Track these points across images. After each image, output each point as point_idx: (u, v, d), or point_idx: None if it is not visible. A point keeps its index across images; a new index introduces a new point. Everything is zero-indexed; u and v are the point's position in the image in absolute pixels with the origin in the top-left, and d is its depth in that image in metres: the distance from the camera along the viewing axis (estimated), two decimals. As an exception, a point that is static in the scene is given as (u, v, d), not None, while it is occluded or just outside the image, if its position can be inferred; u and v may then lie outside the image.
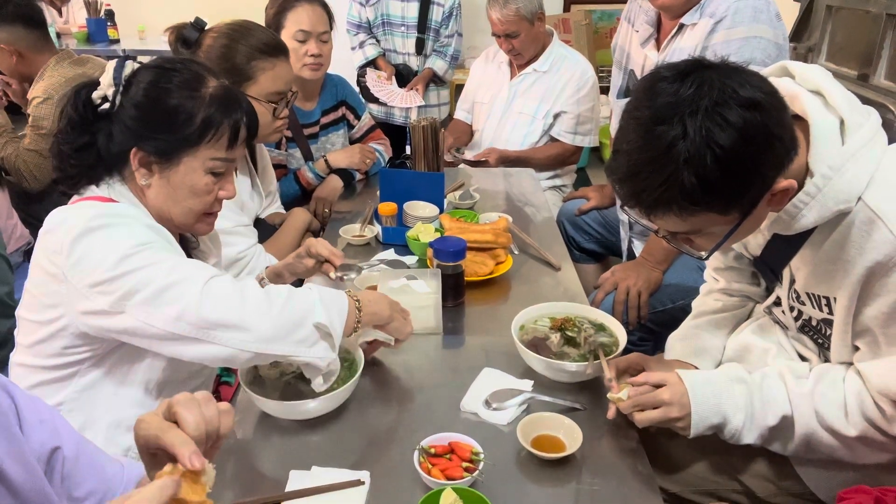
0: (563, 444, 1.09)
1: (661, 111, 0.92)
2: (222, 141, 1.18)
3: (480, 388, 1.25)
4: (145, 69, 1.17)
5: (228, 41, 1.66)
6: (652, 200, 0.95)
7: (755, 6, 1.61)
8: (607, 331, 1.35)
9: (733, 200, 0.95)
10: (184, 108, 1.15)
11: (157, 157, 1.15)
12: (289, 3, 2.15)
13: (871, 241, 0.96)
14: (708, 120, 0.89)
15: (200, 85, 1.17)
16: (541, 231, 1.97)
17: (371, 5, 3.26)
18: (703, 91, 0.90)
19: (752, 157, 0.90)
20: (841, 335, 1.07)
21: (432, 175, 2.02)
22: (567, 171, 2.86)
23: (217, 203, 1.24)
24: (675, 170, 0.90)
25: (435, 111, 3.44)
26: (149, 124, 1.14)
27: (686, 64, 0.96)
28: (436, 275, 1.49)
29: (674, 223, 0.99)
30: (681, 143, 0.89)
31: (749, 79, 0.93)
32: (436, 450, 1.05)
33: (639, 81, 1.00)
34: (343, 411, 1.20)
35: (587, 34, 4.80)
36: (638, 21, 1.90)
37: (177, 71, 1.17)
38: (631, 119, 0.97)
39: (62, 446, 0.82)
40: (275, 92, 1.71)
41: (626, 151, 0.96)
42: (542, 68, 2.68)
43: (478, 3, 2.73)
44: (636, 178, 0.95)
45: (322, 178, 2.25)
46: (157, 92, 1.15)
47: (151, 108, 1.14)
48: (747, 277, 1.35)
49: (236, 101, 1.21)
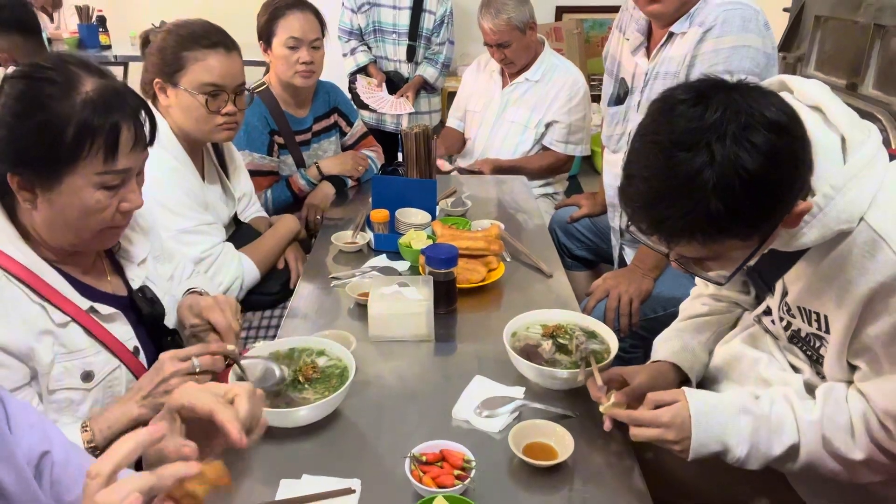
0: (555, 452, 1.09)
1: (683, 137, 0.88)
2: (102, 151, 1.03)
3: (472, 395, 1.24)
4: (12, 80, 1.03)
5: (167, 34, 1.65)
6: (676, 229, 0.92)
7: (744, 15, 1.62)
8: (599, 338, 1.35)
9: (758, 226, 0.93)
10: (53, 120, 1.00)
11: (37, 179, 1.03)
12: (280, 11, 2.15)
13: (874, 263, 0.96)
14: (736, 145, 0.85)
15: (72, 89, 1.02)
16: (532, 238, 1.97)
17: (363, 12, 3.26)
18: (729, 115, 0.87)
19: (778, 182, 0.88)
20: (836, 354, 1.06)
21: (424, 182, 2.02)
22: (559, 178, 2.87)
23: (120, 215, 1.10)
24: (702, 198, 0.87)
25: (426, 118, 3.45)
26: (20, 144, 1.01)
27: (704, 85, 0.93)
28: (428, 282, 1.48)
29: (694, 250, 0.96)
30: (707, 170, 0.86)
31: (772, 100, 0.90)
32: (427, 457, 1.04)
33: (652, 103, 0.97)
34: (334, 419, 1.19)
35: (579, 43, 4.83)
36: (629, 29, 1.91)
37: (46, 79, 1.03)
38: (649, 143, 0.93)
39: (52, 451, 0.82)
40: (208, 83, 1.64)
41: (646, 178, 0.92)
42: (533, 77, 2.69)
43: (470, 12, 2.75)
44: (657, 206, 0.91)
45: (314, 184, 2.24)
46: (24, 106, 1.01)
47: (19, 126, 1.01)
48: (737, 285, 1.35)
49: (118, 100, 1.06)
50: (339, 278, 1.70)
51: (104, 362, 1.14)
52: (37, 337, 1.06)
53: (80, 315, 1.12)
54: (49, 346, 1.07)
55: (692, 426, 1.04)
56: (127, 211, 1.11)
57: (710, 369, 1.31)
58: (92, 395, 1.13)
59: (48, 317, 1.08)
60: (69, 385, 1.10)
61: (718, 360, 1.30)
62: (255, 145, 2.15)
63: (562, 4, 4.86)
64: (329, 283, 1.69)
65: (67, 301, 1.10)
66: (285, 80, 2.19)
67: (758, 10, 1.65)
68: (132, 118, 1.07)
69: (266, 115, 2.18)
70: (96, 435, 1.04)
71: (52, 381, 1.08)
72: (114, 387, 1.17)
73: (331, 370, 1.25)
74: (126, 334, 1.20)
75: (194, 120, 1.66)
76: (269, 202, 2.20)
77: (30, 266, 1.08)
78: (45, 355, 1.06)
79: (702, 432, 1.04)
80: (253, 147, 2.14)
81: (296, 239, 1.99)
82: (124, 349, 1.18)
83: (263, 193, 2.18)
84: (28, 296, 1.06)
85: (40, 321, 1.07)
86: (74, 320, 1.11)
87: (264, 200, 2.17)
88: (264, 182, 2.19)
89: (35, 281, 1.07)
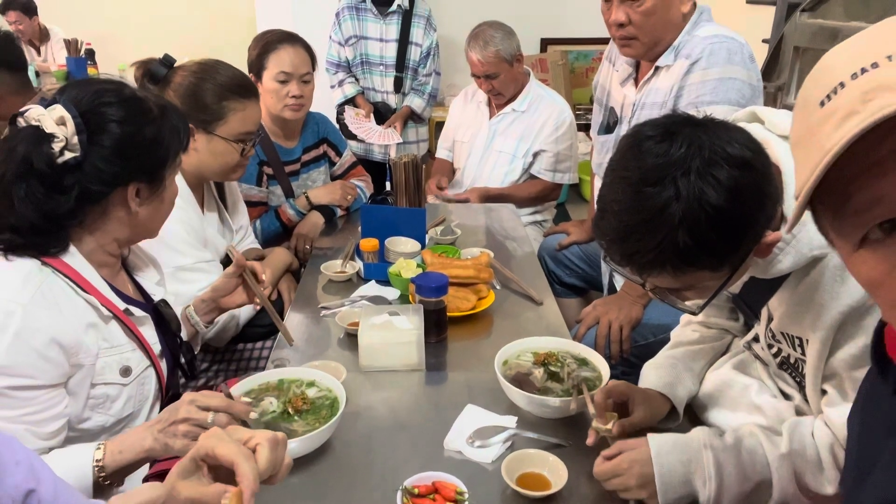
0: (549, 482, 1.07)
1: (650, 172, 0.90)
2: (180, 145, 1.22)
3: (464, 425, 1.23)
4: (108, 105, 1.12)
5: (199, 80, 1.65)
6: (646, 262, 0.94)
7: (729, 48, 1.66)
8: (590, 365, 1.34)
9: (726, 257, 0.94)
10: (157, 133, 1.16)
11: (148, 185, 1.17)
12: (271, 45, 2.17)
13: (844, 287, 0.97)
14: (700, 180, 0.87)
15: (148, 103, 1.19)
16: (522, 266, 1.98)
17: (350, 45, 3.31)
18: (693, 151, 0.89)
19: (744, 215, 0.90)
20: (812, 379, 1.07)
21: (413, 211, 2.02)
22: (547, 206, 2.89)
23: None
24: (670, 231, 0.89)
25: (414, 148, 3.48)
26: (131, 159, 1.13)
27: (670, 122, 0.95)
28: (418, 310, 1.48)
29: (667, 281, 0.98)
30: (674, 205, 0.88)
31: (736, 136, 0.92)
32: (419, 490, 1.03)
33: (622, 139, 0.99)
34: (324, 451, 1.17)
35: (564, 73, 4.91)
36: (618, 61, 1.95)
37: (137, 98, 1.17)
38: (618, 178, 0.95)
39: (38, 489, 0.80)
40: (244, 132, 1.70)
41: (616, 213, 0.94)
42: (520, 108, 2.73)
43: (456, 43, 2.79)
44: (628, 239, 0.93)
45: (303, 214, 2.24)
46: (133, 125, 1.13)
47: (130, 142, 1.13)
48: (725, 313, 1.36)
49: (172, 107, 1.24)
50: (328, 308, 1.69)
51: (139, 359, 1.22)
52: (85, 329, 1.11)
53: (119, 313, 1.19)
54: (95, 340, 1.13)
55: (654, 466, 1.03)
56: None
57: (700, 396, 1.30)
58: (127, 390, 1.19)
59: (94, 311, 1.14)
60: (108, 380, 1.16)
61: (709, 387, 1.29)
62: (244, 176, 2.15)
63: (546, 36, 4.95)
64: (318, 312, 1.68)
65: (107, 299, 1.17)
66: (275, 112, 2.20)
67: (743, 44, 1.69)
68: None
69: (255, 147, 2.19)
70: (107, 456, 1.03)
71: (95, 374, 1.13)
72: (146, 384, 1.24)
73: (321, 401, 1.23)
74: (153, 338, 1.28)
75: (223, 164, 1.71)
76: (259, 232, 2.20)
77: (75, 266, 1.13)
78: (92, 347, 1.12)
79: (665, 473, 1.03)
80: (242, 178, 2.14)
81: (288, 270, 1.99)
82: (152, 350, 1.26)
83: (252, 223, 2.18)
84: (75, 290, 1.12)
85: (88, 314, 1.13)
86: (115, 317, 1.18)
87: (253, 230, 2.16)
88: (253, 212, 2.19)
89: (80, 279, 1.13)
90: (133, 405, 1.22)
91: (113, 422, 1.18)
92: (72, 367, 1.09)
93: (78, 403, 1.12)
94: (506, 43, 2.60)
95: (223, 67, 1.70)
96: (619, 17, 1.72)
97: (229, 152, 1.69)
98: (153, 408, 1.27)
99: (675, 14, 1.73)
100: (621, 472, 1.04)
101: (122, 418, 1.20)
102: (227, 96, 1.67)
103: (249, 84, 1.74)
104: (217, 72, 1.68)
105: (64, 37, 5.05)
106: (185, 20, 5.65)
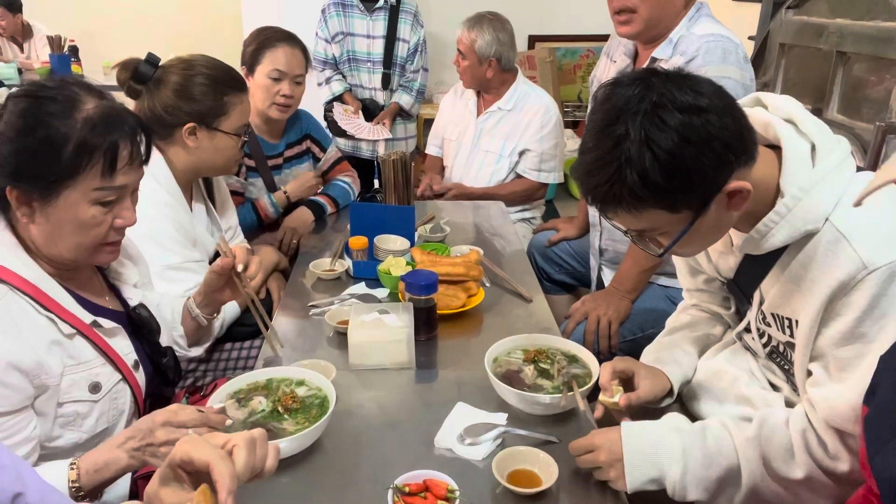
0: (539, 479, 1.07)
1: (610, 113, 0.98)
2: (99, 167, 1.07)
3: (454, 422, 1.23)
4: (16, 98, 1.07)
5: (195, 77, 1.64)
6: (602, 196, 1.00)
7: (725, 48, 1.66)
8: (580, 362, 1.35)
9: (679, 198, 0.98)
10: (54, 137, 1.04)
11: (35, 193, 1.06)
12: (268, 43, 2.16)
13: (836, 261, 0.98)
14: (647, 122, 0.94)
15: (73, 108, 1.07)
16: (512, 263, 1.98)
17: (337, 42, 3.29)
18: (643, 94, 0.96)
19: (690, 158, 0.95)
20: (801, 361, 1.08)
21: (403, 208, 2.02)
22: (536, 204, 2.89)
23: (114, 232, 1.14)
24: (619, 167, 0.96)
25: (402, 144, 3.47)
26: (21, 159, 1.04)
27: (642, 72, 1.02)
28: (408, 308, 1.48)
29: (627, 220, 1.04)
30: (625, 143, 0.95)
31: (695, 86, 0.97)
32: (410, 488, 1.03)
33: (600, 87, 1.06)
34: (313, 450, 1.17)
35: (552, 70, 4.91)
36: (616, 53, 1.97)
37: (49, 97, 1.07)
38: (590, 122, 1.03)
39: (26, 493, 0.79)
40: (242, 125, 1.72)
41: (583, 151, 1.02)
42: (506, 106, 2.73)
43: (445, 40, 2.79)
44: (590, 175, 1.01)
45: (279, 211, 2.22)
46: (26, 123, 1.05)
47: (21, 142, 1.04)
48: (718, 300, 1.38)
49: (117, 120, 1.10)
50: (317, 306, 1.68)
51: (109, 374, 1.18)
52: (47, 348, 1.07)
53: (85, 328, 1.14)
54: (59, 358, 1.09)
55: (623, 446, 1.06)
56: (121, 227, 1.15)
57: (691, 385, 1.32)
58: (98, 406, 1.15)
59: (56, 328, 1.10)
60: (77, 397, 1.12)
61: (699, 377, 1.32)
62: None
63: (534, 33, 4.96)
64: (308, 311, 1.67)
65: (71, 314, 1.13)
66: (261, 108, 2.18)
67: (738, 44, 1.69)
68: (130, 137, 1.11)
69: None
70: (82, 476, 1.00)
71: (61, 393, 1.09)
72: (118, 398, 1.20)
73: (311, 400, 1.23)
74: (126, 348, 1.23)
75: (226, 158, 1.71)
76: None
77: (34, 280, 1.10)
78: (55, 366, 1.08)
79: (633, 452, 1.06)
80: None
81: (277, 270, 1.97)
82: (124, 364, 1.21)
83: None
84: (35, 308, 1.08)
85: (49, 332, 1.09)
86: (80, 332, 1.13)
87: None
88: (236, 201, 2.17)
89: (40, 294, 1.09)
90: (107, 420, 1.18)
91: (87, 438, 1.14)
92: (36, 389, 1.05)
93: (47, 423, 1.08)
94: (486, 41, 2.61)
95: (210, 61, 1.69)
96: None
97: (231, 146, 1.70)
98: (130, 421, 1.23)
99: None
100: (593, 448, 1.07)
101: (97, 434, 1.16)
102: (226, 91, 1.67)
103: (239, 76, 1.75)
104: (207, 66, 1.67)
105: (47, 33, 5.00)
106: (169, 17, 5.60)
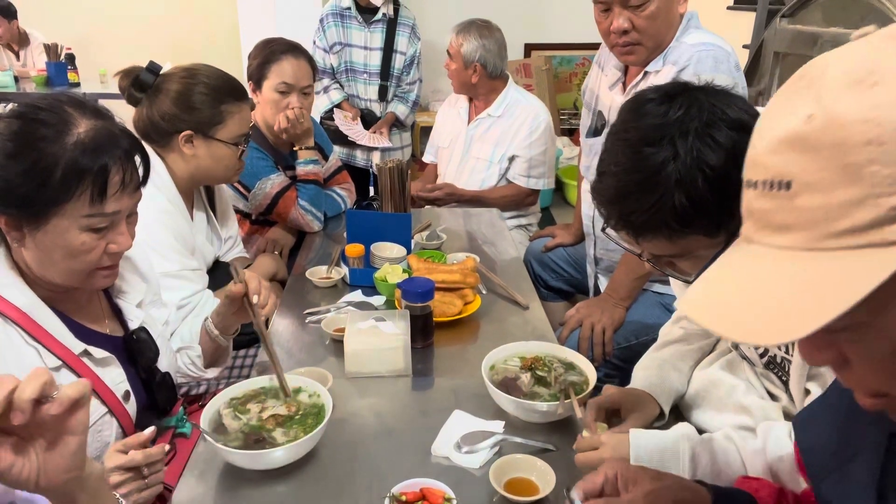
0: (537, 487, 1.07)
1: (649, 132, 0.92)
2: (88, 193, 1.03)
3: (451, 430, 1.23)
4: (8, 119, 1.04)
5: (193, 86, 1.64)
6: (642, 223, 0.95)
7: (716, 56, 1.66)
8: (577, 370, 1.35)
9: (723, 222, 0.94)
10: (43, 161, 1.00)
11: (24, 219, 1.03)
12: (274, 56, 2.15)
13: None
14: (698, 141, 0.89)
15: (65, 131, 1.03)
16: (508, 270, 1.98)
17: (335, 52, 3.31)
18: (693, 112, 0.90)
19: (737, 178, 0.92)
20: (797, 377, 1.07)
21: (399, 216, 2.02)
22: (531, 211, 2.90)
23: (108, 257, 1.11)
24: (666, 191, 0.90)
25: (398, 153, 3.49)
26: (9, 184, 1.01)
27: (671, 86, 0.97)
28: (404, 316, 1.47)
29: (662, 246, 0.98)
30: (671, 165, 0.90)
31: (735, 101, 0.94)
32: (407, 497, 1.02)
33: (624, 104, 1.00)
34: (310, 459, 1.16)
35: (547, 78, 4.94)
36: (607, 66, 1.97)
37: (40, 120, 1.03)
38: (618, 141, 0.96)
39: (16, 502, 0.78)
40: (241, 134, 1.71)
41: (615, 173, 0.95)
42: (495, 113, 2.74)
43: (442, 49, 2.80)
44: (625, 200, 0.94)
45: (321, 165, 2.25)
46: (15, 146, 1.01)
47: (9, 166, 1.01)
48: None
49: (109, 143, 1.06)
50: (314, 314, 1.68)
51: (95, 407, 1.13)
52: None
53: (72, 359, 1.11)
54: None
55: (630, 448, 1.04)
56: (115, 252, 1.11)
57: (687, 395, 1.31)
58: None
59: (41, 360, 1.07)
60: None
61: (696, 387, 1.30)
62: (266, 170, 2.16)
63: (531, 42, 4.98)
64: (304, 319, 1.67)
65: (60, 345, 1.10)
66: (272, 123, 2.19)
67: (730, 52, 1.69)
68: (124, 161, 1.07)
69: (259, 149, 2.19)
70: None
71: None
72: (103, 431, 1.16)
73: (307, 409, 1.22)
74: (118, 377, 1.20)
75: (225, 167, 1.71)
76: (310, 203, 2.19)
77: (26, 307, 1.07)
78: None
79: (640, 456, 1.04)
80: (264, 173, 2.15)
81: (274, 279, 1.97)
82: (112, 396, 1.17)
83: (297, 203, 2.16)
84: (23, 338, 1.06)
85: (34, 364, 1.06)
86: (66, 365, 1.10)
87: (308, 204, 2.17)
88: (293, 194, 2.17)
89: (29, 323, 1.07)
90: (91, 452, 1.13)
91: None
92: None
93: None
94: (472, 47, 2.63)
95: (211, 71, 1.70)
96: (622, 25, 1.66)
97: (229, 155, 1.70)
98: None
99: (674, 16, 1.72)
100: (598, 445, 1.06)
101: None
102: (224, 100, 1.67)
103: (240, 85, 1.74)
104: (207, 76, 1.67)
105: (44, 41, 5.00)
106: (166, 25, 5.60)
